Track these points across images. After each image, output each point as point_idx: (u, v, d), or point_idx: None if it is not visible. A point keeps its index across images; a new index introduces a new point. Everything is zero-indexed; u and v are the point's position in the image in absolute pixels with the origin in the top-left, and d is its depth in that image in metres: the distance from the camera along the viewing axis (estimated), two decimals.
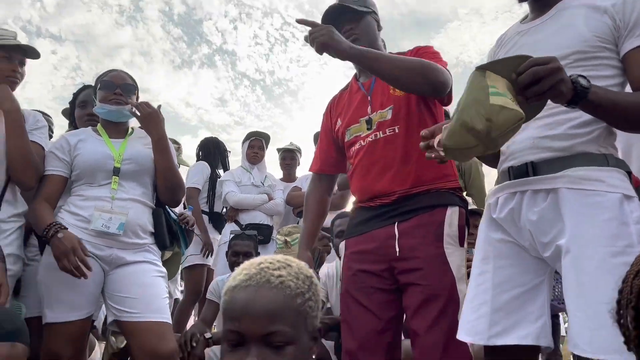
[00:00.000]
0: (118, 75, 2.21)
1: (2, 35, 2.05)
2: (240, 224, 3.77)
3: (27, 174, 1.97)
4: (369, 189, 1.81)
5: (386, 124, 1.79)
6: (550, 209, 1.28)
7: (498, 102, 1.10)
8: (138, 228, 2.07)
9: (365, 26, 1.89)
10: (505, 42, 1.52)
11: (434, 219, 1.70)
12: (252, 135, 4.10)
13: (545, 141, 1.32)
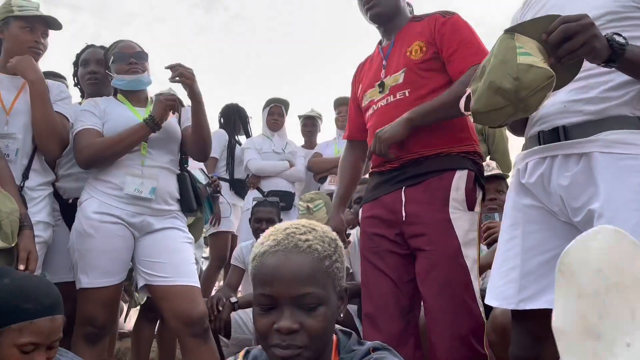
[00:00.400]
0: (128, 45, 2.21)
1: (24, 6, 2.04)
2: (262, 190, 3.80)
3: (52, 142, 2.00)
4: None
5: (397, 87, 1.78)
6: (583, 174, 1.25)
7: (526, 61, 1.08)
8: (167, 195, 2.11)
9: None
10: (532, 4, 1.46)
11: (442, 184, 1.69)
12: (272, 102, 4.06)
13: (577, 105, 1.28)
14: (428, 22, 1.82)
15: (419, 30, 1.83)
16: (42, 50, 2.10)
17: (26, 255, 1.66)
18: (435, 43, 1.77)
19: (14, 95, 2.00)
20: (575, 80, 1.24)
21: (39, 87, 1.97)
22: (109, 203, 2.02)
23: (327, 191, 3.65)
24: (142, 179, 2.04)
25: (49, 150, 2.02)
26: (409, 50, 1.80)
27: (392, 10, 1.88)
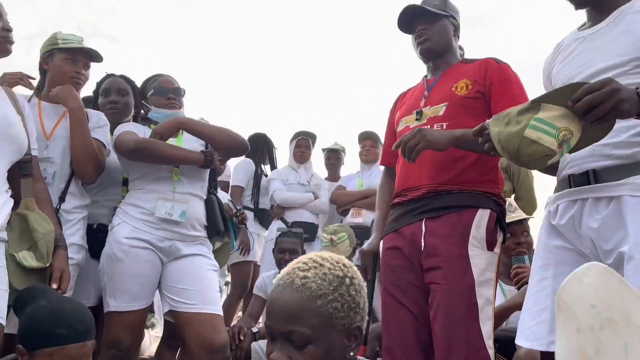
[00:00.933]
0: (168, 80, 2.33)
1: (69, 39, 2.17)
2: (286, 221, 3.84)
3: (89, 167, 2.08)
4: (405, 179, 1.84)
5: (436, 119, 1.80)
6: (613, 216, 1.27)
7: (532, 136, 1.18)
8: (195, 220, 2.18)
9: (439, 28, 1.90)
10: (562, 50, 1.50)
11: (462, 219, 1.69)
12: (299, 134, 4.14)
13: (607, 149, 1.31)
14: (479, 64, 1.85)
15: (468, 70, 1.87)
16: (83, 81, 2.21)
17: (59, 275, 1.72)
18: (481, 83, 1.80)
19: (54, 122, 2.11)
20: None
21: (78, 115, 2.07)
22: (139, 228, 2.08)
23: (349, 224, 3.68)
24: (173, 202, 2.11)
25: (85, 174, 2.11)
26: (455, 86, 1.82)
27: (442, 47, 1.92)
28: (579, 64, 1.41)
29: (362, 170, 4.07)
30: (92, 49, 2.20)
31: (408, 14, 1.91)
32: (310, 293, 0.94)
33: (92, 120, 2.19)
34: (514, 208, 2.41)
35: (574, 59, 1.44)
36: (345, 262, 1.03)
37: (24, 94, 2.13)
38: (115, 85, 2.50)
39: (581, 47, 1.43)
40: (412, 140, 1.61)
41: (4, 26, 1.72)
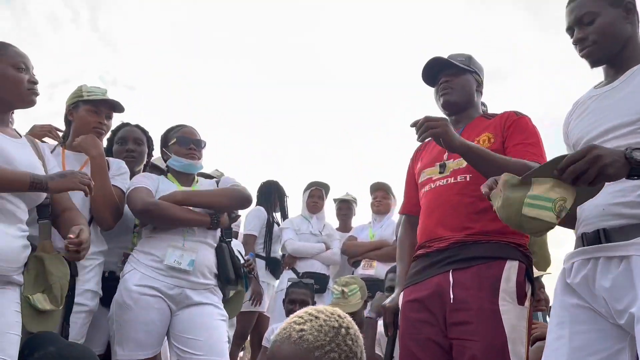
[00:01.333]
0: (190, 131, 2.41)
1: (92, 91, 2.26)
2: (297, 271, 3.82)
3: (107, 213, 2.13)
4: (429, 231, 1.81)
5: (460, 171, 1.79)
6: (624, 276, 1.26)
7: (530, 214, 1.22)
8: (205, 269, 2.19)
9: (462, 82, 1.92)
10: (578, 106, 1.55)
11: (491, 272, 1.65)
12: (313, 185, 4.18)
13: (616, 208, 1.32)
14: (500, 117, 1.88)
15: (489, 124, 1.88)
16: (105, 131, 2.29)
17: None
18: (501, 134, 1.81)
19: (76, 170, 2.17)
20: (613, 183, 1.29)
21: (99, 162, 2.14)
22: (149, 275, 2.10)
23: (361, 275, 3.65)
24: (183, 251, 2.14)
25: (103, 220, 2.15)
26: (477, 139, 1.82)
27: (465, 101, 1.93)
28: (591, 121, 1.45)
29: (374, 221, 4.07)
30: (114, 100, 2.28)
31: (433, 65, 1.95)
32: (307, 345, 0.95)
33: (112, 168, 2.26)
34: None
35: (586, 116, 1.47)
36: (340, 313, 1.05)
37: (47, 143, 2.21)
38: (132, 134, 2.59)
39: (594, 105, 1.47)
40: (433, 122, 1.63)
41: (30, 79, 1.81)
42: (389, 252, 3.73)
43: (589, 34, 1.45)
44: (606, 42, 1.44)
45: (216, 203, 2.26)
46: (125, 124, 2.64)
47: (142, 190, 2.17)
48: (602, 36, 1.44)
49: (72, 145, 2.21)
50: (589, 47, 1.46)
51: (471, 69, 1.95)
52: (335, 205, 4.43)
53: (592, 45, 1.45)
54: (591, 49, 1.46)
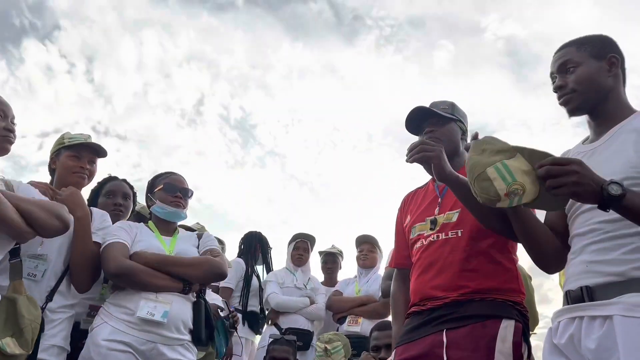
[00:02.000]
0: (178, 179, 2.39)
1: (74, 137, 2.24)
2: (280, 327, 3.70)
3: (84, 277, 2.08)
4: (423, 290, 1.76)
5: (450, 225, 1.77)
6: (607, 337, 1.23)
7: (490, 174, 1.35)
8: (180, 322, 2.10)
9: (447, 131, 1.90)
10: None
11: (486, 332, 1.59)
12: (298, 237, 4.11)
13: (599, 266, 1.30)
14: None
15: None
16: (87, 176, 2.23)
17: None
18: None
19: None
20: (597, 241, 1.31)
21: (84, 224, 2.07)
22: (120, 329, 2.00)
23: (346, 332, 3.53)
24: (156, 302, 2.05)
25: (79, 282, 2.09)
26: None
27: (451, 150, 1.88)
28: None
29: (360, 275, 3.99)
30: (95, 144, 2.25)
31: (417, 115, 1.93)
32: None
33: (95, 220, 2.20)
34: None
35: None
36: None
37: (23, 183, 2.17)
38: (122, 189, 2.59)
39: (591, 159, 1.45)
40: (428, 147, 1.66)
41: (6, 126, 1.80)
42: (375, 309, 3.65)
43: (568, 82, 1.48)
44: (584, 92, 1.46)
45: (190, 276, 2.16)
46: (114, 177, 2.64)
47: (117, 249, 2.10)
48: (580, 85, 1.46)
49: (54, 198, 2.14)
50: (567, 95, 1.48)
51: (455, 117, 1.94)
52: (321, 258, 4.35)
53: (571, 93, 1.48)
54: (569, 96, 1.48)
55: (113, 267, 2.05)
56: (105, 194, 2.57)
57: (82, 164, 2.19)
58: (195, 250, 2.28)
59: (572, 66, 1.48)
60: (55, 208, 1.81)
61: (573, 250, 1.41)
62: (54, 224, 1.78)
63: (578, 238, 1.39)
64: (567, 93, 1.48)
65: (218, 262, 2.22)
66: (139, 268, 2.07)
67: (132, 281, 2.07)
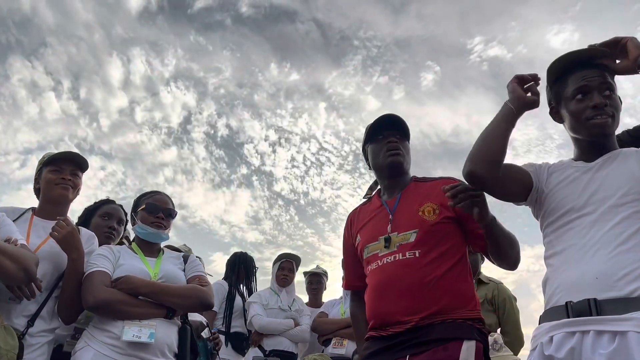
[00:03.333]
0: (162, 199, 2.35)
1: (55, 153, 2.21)
2: (264, 349, 3.64)
3: (71, 311, 2.06)
4: (383, 315, 1.73)
5: (408, 246, 1.74)
6: (620, 353, 1.20)
7: None
8: (165, 347, 2.05)
9: (408, 147, 1.96)
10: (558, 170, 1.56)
11: (448, 354, 1.58)
12: (283, 257, 4.07)
13: (611, 279, 1.28)
14: (436, 184, 1.85)
15: (427, 192, 1.85)
16: (71, 186, 2.17)
17: None
18: (447, 208, 1.75)
19: (41, 240, 2.06)
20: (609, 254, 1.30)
21: (78, 265, 2.03)
22: (104, 353, 1.94)
23: (331, 354, 3.48)
24: (140, 326, 2.00)
25: (67, 316, 2.06)
26: (421, 210, 1.79)
27: (407, 166, 1.93)
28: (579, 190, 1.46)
29: (346, 296, 3.94)
30: (75, 154, 2.21)
31: (386, 121, 1.93)
32: None
33: (82, 238, 2.14)
34: (499, 346, 2.32)
35: (571, 184, 1.49)
36: None
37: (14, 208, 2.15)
38: (118, 214, 2.59)
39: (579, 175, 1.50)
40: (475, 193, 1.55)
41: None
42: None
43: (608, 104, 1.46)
44: (618, 120, 1.49)
45: (178, 305, 2.12)
46: (111, 200, 2.65)
47: (97, 279, 2.03)
48: (618, 112, 1.49)
49: (42, 211, 2.16)
50: (607, 118, 1.46)
51: (409, 137, 1.98)
52: (305, 279, 4.31)
53: (609, 117, 1.46)
54: (608, 120, 1.46)
55: (91, 301, 1.98)
56: (101, 215, 2.57)
57: (63, 175, 2.15)
58: (181, 274, 2.24)
59: (611, 90, 1.47)
60: (24, 260, 1.79)
61: (566, 260, 1.39)
62: (19, 276, 1.78)
63: (576, 248, 1.37)
64: (609, 116, 1.46)
65: (206, 292, 2.17)
66: (117, 299, 2.00)
67: (111, 312, 2.01)
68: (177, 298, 2.10)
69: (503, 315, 3.18)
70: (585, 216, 1.41)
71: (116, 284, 2.04)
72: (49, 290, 2.02)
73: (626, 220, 1.34)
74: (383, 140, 1.92)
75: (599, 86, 1.46)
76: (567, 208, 1.46)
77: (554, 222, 1.49)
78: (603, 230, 1.35)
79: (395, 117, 1.95)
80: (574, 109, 1.49)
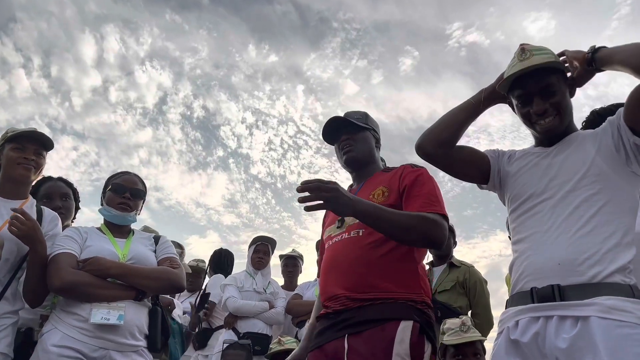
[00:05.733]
0: (130, 179, 2.27)
1: (17, 129, 2.12)
2: (238, 332, 3.64)
3: (37, 298, 2.03)
4: (325, 290, 1.79)
5: (354, 226, 1.79)
6: (582, 338, 1.24)
7: None
8: (135, 328, 2.03)
9: (361, 139, 1.96)
10: (520, 157, 1.61)
11: (385, 334, 1.58)
12: (259, 239, 4.06)
13: (575, 265, 1.31)
14: (396, 171, 1.89)
15: (386, 178, 1.89)
16: (34, 167, 2.10)
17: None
18: (396, 189, 1.80)
19: (3, 221, 1.99)
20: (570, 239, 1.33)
21: (42, 254, 1.98)
22: (71, 336, 1.92)
23: None
24: (109, 308, 1.97)
25: (32, 300, 2.02)
26: (373, 193, 1.84)
27: (366, 156, 1.96)
28: (539, 175, 1.50)
29: None
30: (39, 133, 2.12)
31: (332, 124, 1.99)
32: None
33: (45, 221, 2.09)
34: (467, 327, 2.35)
35: (532, 169, 1.53)
36: None
37: None
38: (58, 190, 2.44)
39: (539, 161, 1.54)
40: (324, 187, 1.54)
41: None
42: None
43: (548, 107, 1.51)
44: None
45: (148, 287, 2.09)
46: (48, 178, 2.46)
47: (62, 261, 1.98)
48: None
49: (3, 190, 2.08)
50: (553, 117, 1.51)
51: (368, 126, 2.00)
52: (281, 262, 4.31)
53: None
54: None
55: (57, 283, 1.94)
56: (41, 197, 2.37)
57: (26, 155, 2.07)
58: (151, 255, 2.20)
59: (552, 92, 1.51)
60: None
61: (530, 246, 1.41)
62: None
63: (538, 235, 1.40)
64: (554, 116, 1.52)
65: (177, 274, 2.14)
66: (84, 281, 1.96)
67: (78, 295, 1.98)
68: (147, 280, 2.07)
69: (474, 298, 3.23)
70: (545, 201, 1.44)
71: (84, 265, 2.00)
72: (12, 272, 1.98)
73: (584, 203, 1.37)
74: (337, 142, 2.01)
75: (539, 92, 1.51)
76: (528, 194, 1.50)
77: (517, 209, 1.52)
78: (563, 216, 1.38)
79: (338, 119, 1.99)
80: (520, 113, 1.56)
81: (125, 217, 2.23)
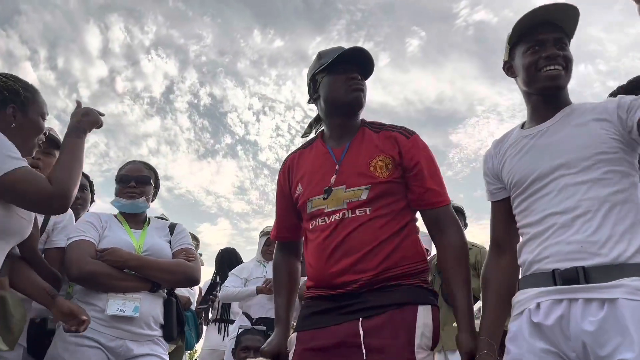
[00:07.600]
0: (134, 167, 2.29)
1: None
2: (251, 317, 3.70)
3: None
4: (328, 274, 1.58)
5: (358, 204, 1.59)
6: (610, 320, 1.21)
7: None
8: (151, 319, 2.07)
9: (366, 89, 1.75)
10: (510, 146, 1.54)
11: (405, 318, 1.51)
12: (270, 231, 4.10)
13: (595, 246, 1.28)
14: (386, 135, 1.70)
15: (378, 144, 1.68)
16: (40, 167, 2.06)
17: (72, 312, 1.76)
18: (399, 162, 1.64)
19: None
20: (588, 220, 1.30)
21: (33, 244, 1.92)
22: (89, 326, 1.95)
23: None
24: (125, 300, 2.01)
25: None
26: (373, 165, 1.64)
27: (362, 108, 1.75)
28: (533, 159, 1.45)
29: None
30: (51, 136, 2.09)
31: (358, 55, 1.72)
32: None
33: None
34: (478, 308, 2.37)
35: (525, 155, 1.48)
36: None
37: None
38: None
39: (532, 142, 1.48)
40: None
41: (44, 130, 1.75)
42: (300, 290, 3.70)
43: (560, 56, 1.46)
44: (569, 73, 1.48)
45: (164, 280, 2.13)
46: None
47: (82, 248, 2.02)
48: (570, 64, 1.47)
49: None
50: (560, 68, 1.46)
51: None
52: None
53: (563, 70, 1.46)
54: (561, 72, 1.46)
55: (75, 272, 1.98)
56: None
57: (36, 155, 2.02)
58: (166, 246, 2.23)
59: (565, 48, 1.48)
60: None
61: (547, 227, 1.37)
62: None
63: (555, 217, 1.36)
64: (562, 67, 1.46)
65: (192, 267, 2.17)
66: (103, 272, 2.00)
67: (96, 285, 2.01)
68: (163, 273, 2.10)
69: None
70: (554, 181, 1.39)
71: (102, 255, 2.03)
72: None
73: (599, 182, 1.33)
74: (345, 74, 1.70)
75: (553, 40, 1.47)
76: (533, 176, 1.44)
77: (523, 192, 1.46)
78: (577, 196, 1.34)
79: (366, 54, 1.72)
80: (527, 61, 1.48)
81: (135, 204, 2.24)
